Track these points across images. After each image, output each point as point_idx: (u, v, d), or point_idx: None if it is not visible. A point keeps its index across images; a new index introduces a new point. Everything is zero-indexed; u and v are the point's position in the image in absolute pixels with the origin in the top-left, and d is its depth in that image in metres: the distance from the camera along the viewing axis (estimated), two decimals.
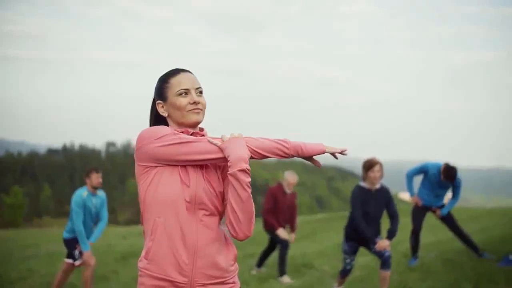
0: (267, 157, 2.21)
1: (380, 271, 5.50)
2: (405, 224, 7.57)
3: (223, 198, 2.23)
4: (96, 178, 6.34)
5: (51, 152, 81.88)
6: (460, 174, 7.02)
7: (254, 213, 2.16)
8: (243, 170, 2.08)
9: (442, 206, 7.24)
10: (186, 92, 2.21)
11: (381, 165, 5.47)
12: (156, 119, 2.33)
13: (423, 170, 7.23)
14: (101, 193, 6.53)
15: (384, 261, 5.42)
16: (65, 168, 74.50)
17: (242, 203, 2.10)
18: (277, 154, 2.21)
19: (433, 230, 10.21)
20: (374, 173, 5.42)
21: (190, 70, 2.30)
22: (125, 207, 61.60)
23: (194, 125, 2.24)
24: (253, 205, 2.14)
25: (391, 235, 5.48)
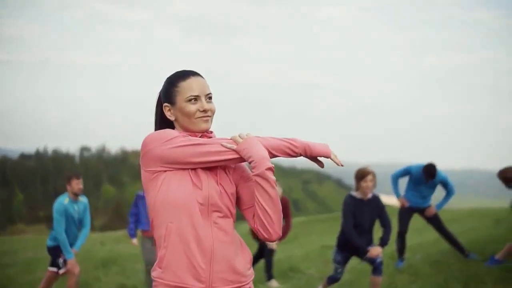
0: (276, 156, 2.16)
1: (372, 277, 5.47)
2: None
3: (235, 199, 2.17)
4: (76, 184, 6.19)
5: (24, 157, 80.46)
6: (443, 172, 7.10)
7: None
8: (270, 169, 2.03)
9: (429, 207, 7.25)
10: (196, 98, 2.13)
11: (373, 174, 5.41)
12: (162, 122, 2.24)
13: (407, 171, 7.27)
14: (83, 199, 6.38)
15: (376, 267, 5.39)
16: (37, 174, 73.31)
17: (272, 202, 2.05)
18: (286, 153, 2.16)
19: (418, 232, 10.25)
20: (367, 183, 5.37)
21: (200, 73, 2.21)
22: (100, 212, 60.75)
23: (202, 132, 2.17)
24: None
25: (383, 243, 5.45)
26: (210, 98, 2.17)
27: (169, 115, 2.19)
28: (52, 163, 76.55)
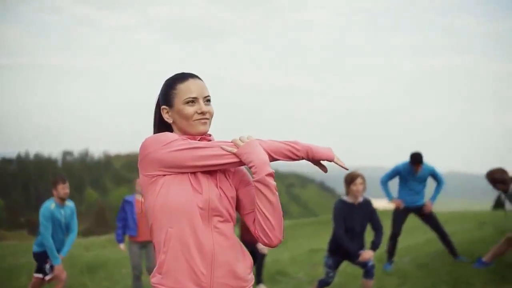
0: (277, 159, 2.12)
1: (363, 280, 5.47)
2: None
3: (235, 204, 2.13)
4: (62, 189, 6.08)
5: (5, 161, 79.50)
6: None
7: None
8: (270, 174, 2.00)
9: (423, 205, 7.26)
10: (194, 100, 2.10)
11: (363, 177, 5.41)
12: (160, 124, 2.21)
13: (395, 171, 7.30)
14: (70, 204, 6.29)
15: (368, 271, 5.40)
16: (19, 178, 72.47)
17: (273, 208, 2.02)
18: (288, 157, 2.12)
19: (404, 235, 10.28)
20: (357, 186, 5.37)
21: (199, 76, 2.18)
22: (83, 217, 60.21)
23: (200, 135, 2.13)
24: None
25: (375, 246, 5.45)
26: (209, 100, 2.14)
27: (167, 117, 2.16)
28: (33, 167, 75.79)
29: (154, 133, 2.21)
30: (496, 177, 5.96)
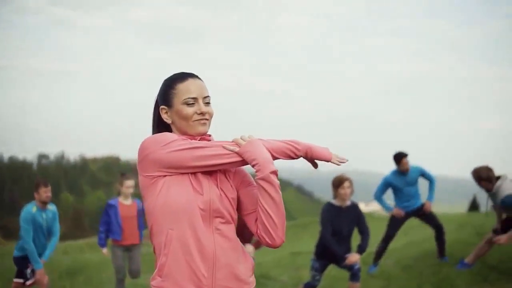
0: (278, 158, 2.10)
1: (350, 283, 5.50)
2: None
3: (236, 204, 2.10)
4: (44, 192, 5.99)
5: None
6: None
7: None
8: (274, 172, 1.98)
9: (422, 205, 7.28)
10: (194, 101, 2.06)
11: (350, 181, 5.44)
12: (160, 125, 2.17)
13: (386, 184, 7.27)
14: (51, 207, 6.19)
15: (354, 274, 5.42)
16: None
17: (276, 206, 1.99)
18: (288, 156, 2.11)
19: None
20: (344, 189, 5.39)
21: (198, 76, 2.15)
22: (59, 221, 59.47)
23: (199, 136, 2.10)
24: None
25: (361, 250, 5.47)
26: (208, 101, 2.11)
27: (166, 118, 2.12)
28: (8, 171, 74.48)
29: (153, 134, 2.17)
30: (481, 175, 5.94)
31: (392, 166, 7.27)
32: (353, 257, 5.36)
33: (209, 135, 2.16)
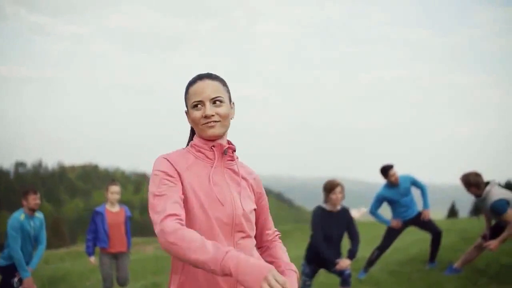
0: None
1: None
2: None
3: (254, 219, 2.07)
4: (33, 200, 5.92)
5: None
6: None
7: None
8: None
9: (419, 213, 7.30)
10: (200, 104, 1.98)
11: (342, 186, 5.45)
12: (192, 129, 2.16)
13: (380, 199, 7.26)
14: (39, 215, 6.11)
15: (344, 280, 5.41)
16: None
17: None
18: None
19: (373, 245, 10.41)
20: (336, 194, 5.40)
21: (214, 74, 2.07)
22: None
23: (211, 139, 2.01)
24: None
25: (351, 255, 5.48)
26: (219, 101, 1.99)
27: (189, 122, 2.08)
28: None
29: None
30: (470, 181, 5.97)
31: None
32: (344, 263, 5.37)
33: (233, 148, 2.07)
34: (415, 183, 7.28)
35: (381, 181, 7.32)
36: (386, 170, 7.12)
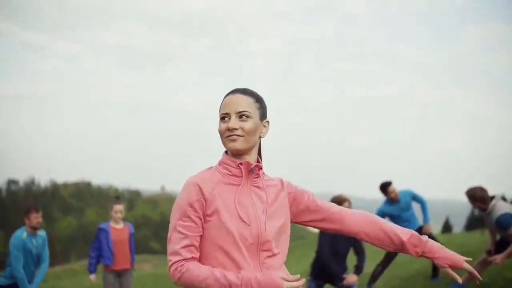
0: None
1: None
2: None
3: (287, 233, 2.06)
4: (35, 218, 5.88)
5: None
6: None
7: None
8: None
9: (421, 228, 7.30)
10: (226, 116, 1.99)
11: (349, 202, 5.46)
12: None
13: (380, 214, 7.21)
14: (41, 233, 6.07)
15: None
16: None
17: None
18: None
19: (374, 260, 10.40)
20: None
21: (250, 90, 2.07)
22: None
23: (234, 153, 2.00)
24: None
25: (358, 270, 5.49)
26: (245, 116, 1.97)
27: None
28: None
29: None
30: (476, 195, 5.95)
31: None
32: (352, 278, 5.37)
33: (257, 164, 2.04)
34: (415, 198, 7.31)
35: (377, 196, 7.35)
36: (385, 187, 7.16)
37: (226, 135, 1.98)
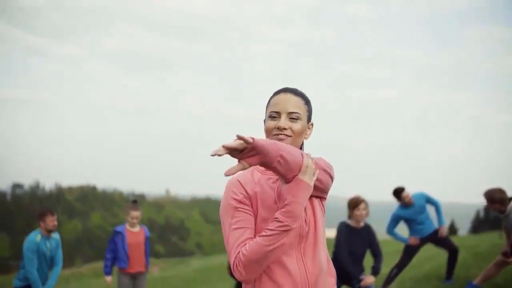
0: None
1: None
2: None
3: (324, 227, 2.06)
4: (51, 221, 5.93)
5: None
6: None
7: None
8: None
9: (436, 230, 7.31)
10: (277, 115, 2.00)
11: (366, 203, 5.51)
12: None
13: (396, 219, 7.32)
14: (55, 236, 6.10)
15: None
16: None
17: None
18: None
19: (387, 262, 10.39)
20: (360, 211, 5.45)
21: (299, 91, 2.09)
22: None
23: None
24: None
25: (375, 272, 5.51)
26: (295, 117, 2.00)
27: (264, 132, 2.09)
28: None
29: None
30: (495, 197, 5.89)
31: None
32: (369, 279, 5.38)
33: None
34: (429, 200, 7.32)
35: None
36: (398, 193, 7.17)
37: (274, 133, 1.99)
